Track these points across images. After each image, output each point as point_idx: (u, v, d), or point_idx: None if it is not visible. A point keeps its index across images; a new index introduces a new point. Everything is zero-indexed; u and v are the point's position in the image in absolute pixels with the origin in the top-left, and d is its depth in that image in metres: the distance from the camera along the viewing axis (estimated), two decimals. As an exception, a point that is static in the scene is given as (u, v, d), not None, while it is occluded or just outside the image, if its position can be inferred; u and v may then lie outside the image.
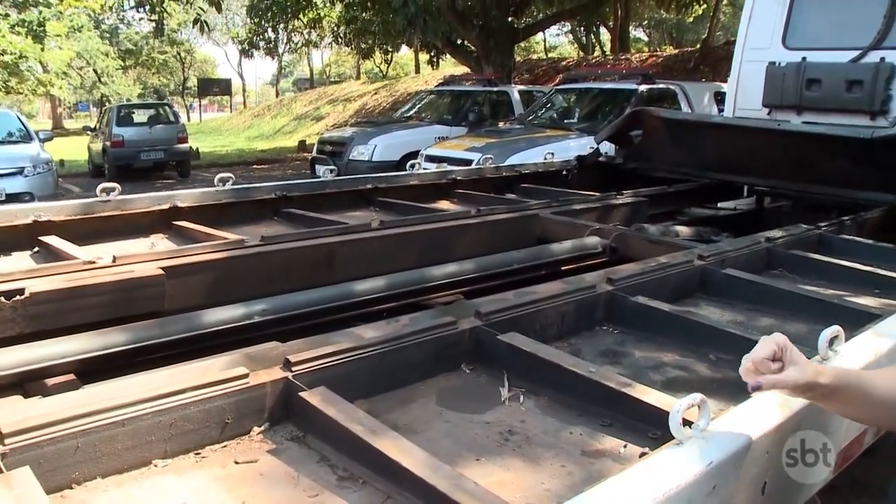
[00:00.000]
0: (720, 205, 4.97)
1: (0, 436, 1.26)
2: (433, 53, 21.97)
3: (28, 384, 1.83)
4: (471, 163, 6.93)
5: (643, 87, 9.42)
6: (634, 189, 4.23)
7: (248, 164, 19.63)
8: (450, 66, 27.95)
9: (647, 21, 35.62)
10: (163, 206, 3.33)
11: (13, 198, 9.34)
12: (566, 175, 4.94)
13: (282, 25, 25.87)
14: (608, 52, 27.11)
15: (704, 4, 19.84)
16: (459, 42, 17.96)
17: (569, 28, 34.94)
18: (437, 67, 26.03)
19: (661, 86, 9.88)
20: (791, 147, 4.14)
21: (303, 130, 28.67)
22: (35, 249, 2.88)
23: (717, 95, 9.54)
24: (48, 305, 2.10)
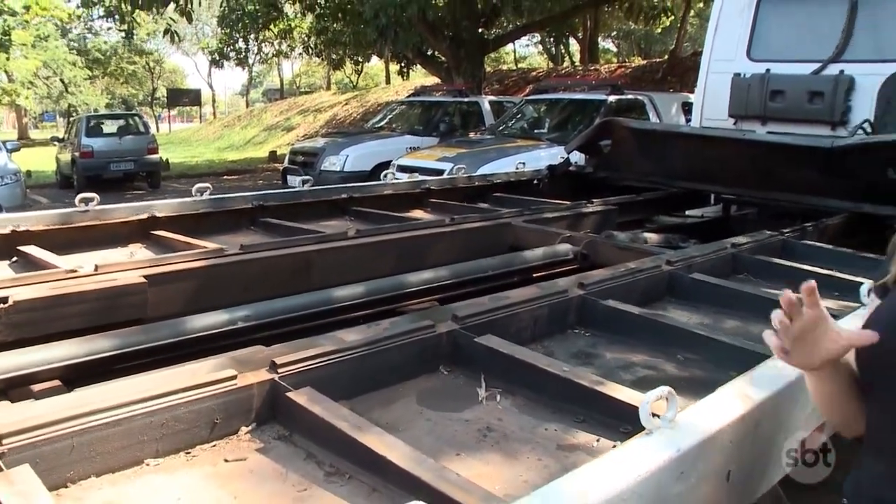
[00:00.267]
0: (688, 213, 5.07)
1: (-1, 436, 1.30)
2: (404, 64, 21.99)
3: (12, 391, 1.86)
4: (443, 173, 6.99)
5: (612, 98, 9.54)
6: (604, 198, 4.30)
7: (219, 175, 19.49)
8: (420, 77, 28.00)
9: (616, 32, 35.98)
10: (141, 216, 3.36)
11: (-20, 209, 9.21)
12: (537, 184, 5.01)
13: (252, 36, 25.82)
14: (577, 63, 27.34)
15: (672, 16, 20.14)
16: (430, 53, 18.01)
17: (538, 39, 35.25)
18: (408, 78, 26.06)
19: (630, 96, 10.00)
20: (756, 156, 4.24)
21: (273, 141, 28.56)
22: (14, 259, 2.89)
23: (685, 106, 9.64)
24: (32, 314, 2.12)
